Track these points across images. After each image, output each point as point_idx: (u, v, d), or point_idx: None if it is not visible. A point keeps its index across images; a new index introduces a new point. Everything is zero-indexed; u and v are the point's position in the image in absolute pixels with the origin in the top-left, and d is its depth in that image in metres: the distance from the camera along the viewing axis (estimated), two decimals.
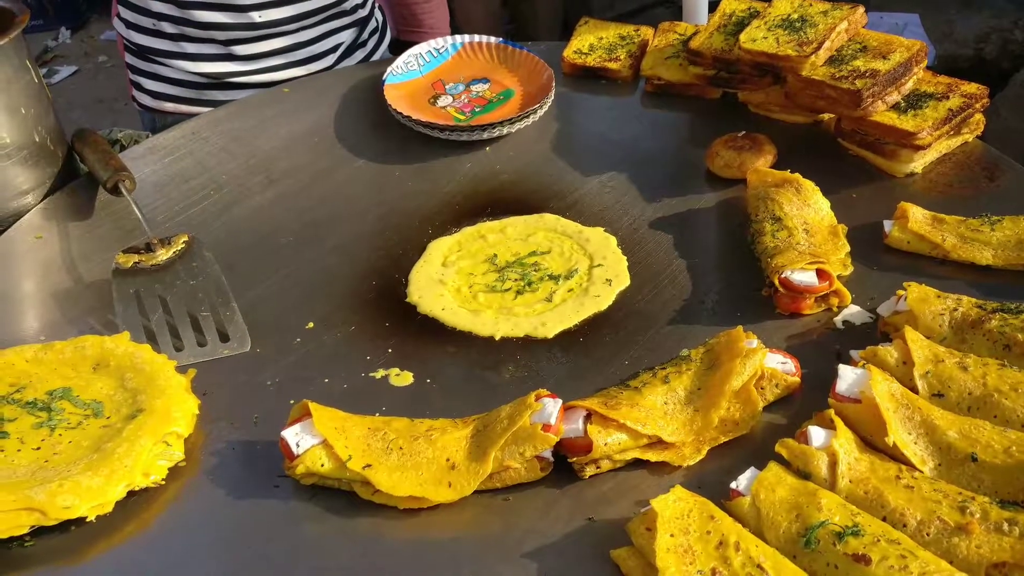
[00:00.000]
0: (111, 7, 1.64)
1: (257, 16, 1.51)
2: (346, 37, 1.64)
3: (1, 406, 0.88)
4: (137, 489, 0.84)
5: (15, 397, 0.89)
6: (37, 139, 1.22)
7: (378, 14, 1.77)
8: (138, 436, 0.84)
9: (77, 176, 1.30)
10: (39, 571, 0.79)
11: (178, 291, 1.06)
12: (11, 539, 0.79)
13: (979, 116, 1.21)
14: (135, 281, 1.07)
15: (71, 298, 1.10)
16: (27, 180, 1.22)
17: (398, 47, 1.77)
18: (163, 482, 0.86)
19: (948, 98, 1.18)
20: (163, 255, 1.10)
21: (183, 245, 1.12)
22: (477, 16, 3.18)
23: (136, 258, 1.09)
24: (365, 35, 1.70)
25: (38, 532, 0.80)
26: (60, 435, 0.85)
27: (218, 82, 1.57)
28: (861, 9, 1.25)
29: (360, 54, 1.69)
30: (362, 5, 1.67)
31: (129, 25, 1.57)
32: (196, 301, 1.05)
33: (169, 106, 1.60)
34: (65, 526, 0.81)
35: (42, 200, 1.25)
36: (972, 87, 1.20)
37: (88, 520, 0.81)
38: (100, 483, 0.80)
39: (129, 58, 1.62)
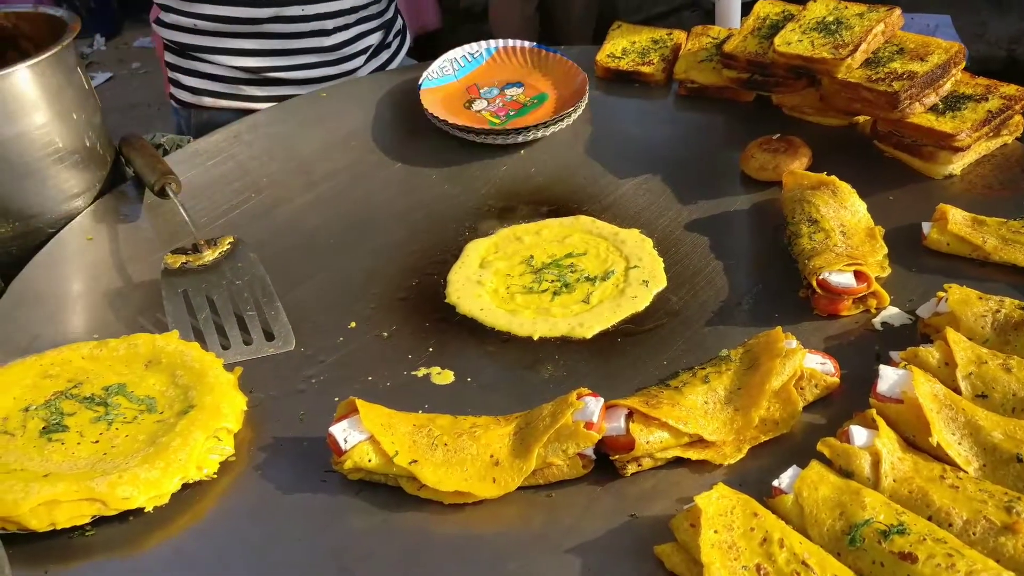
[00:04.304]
0: (148, 13, 1.70)
1: (300, 10, 1.55)
2: (375, 39, 1.69)
3: (60, 401, 0.91)
4: (191, 482, 0.86)
5: (73, 392, 0.92)
6: (87, 143, 1.26)
7: (400, 18, 1.83)
8: (191, 431, 0.87)
9: (124, 180, 1.34)
10: (99, 559, 0.82)
11: (224, 291, 1.09)
12: (73, 528, 0.82)
13: (1018, 118, 1.20)
14: (183, 281, 1.10)
15: (121, 297, 1.13)
16: (77, 184, 1.26)
17: (413, 51, 1.86)
18: (215, 476, 0.88)
19: (987, 100, 1.18)
20: (209, 256, 1.13)
21: (228, 246, 1.14)
22: (512, 20, 3.21)
23: (184, 259, 1.12)
24: (390, 37, 1.76)
25: (98, 522, 0.83)
26: (117, 429, 0.88)
27: (256, 77, 1.62)
28: (898, 11, 1.25)
29: (385, 55, 1.74)
30: (387, 8, 1.73)
31: (168, 26, 1.63)
32: (242, 301, 1.08)
33: (208, 100, 1.66)
34: (124, 516, 0.83)
35: (92, 203, 1.28)
36: (1011, 88, 1.19)
37: (146, 511, 0.84)
38: (157, 475, 0.82)
39: (169, 56, 1.68)
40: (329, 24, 1.60)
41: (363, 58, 1.68)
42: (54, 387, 0.92)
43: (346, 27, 1.62)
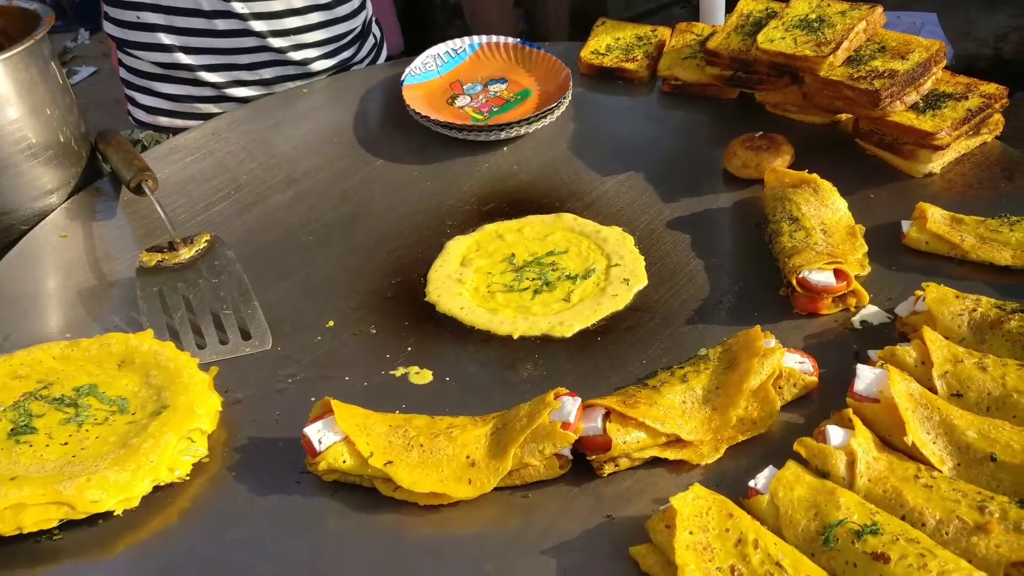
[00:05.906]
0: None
1: (239, 7, 1.49)
2: (343, 56, 1.64)
3: (30, 402, 0.89)
4: (162, 484, 0.85)
5: (43, 393, 0.91)
6: (62, 139, 1.24)
7: (376, 30, 1.77)
8: (163, 432, 0.85)
9: (100, 176, 1.32)
10: (68, 564, 0.81)
11: (201, 289, 1.07)
12: (40, 532, 0.81)
13: (998, 116, 1.21)
14: (158, 279, 1.08)
15: (95, 296, 1.12)
16: (52, 180, 1.24)
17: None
18: (187, 477, 0.87)
19: (967, 98, 1.18)
20: (186, 254, 1.11)
21: (205, 244, 1.13)
22: (490, 15, 3.18)
23: (159, 257, 1.11)
24: (361, 53, 1.70)
25: (66, 525, 0.82)
26: (87, 431, 0.87)
27: (214, 94, 1.57)
28: (880, 9, 1.25)
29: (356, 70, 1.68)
30: (359, 28, 1.66)
31: (114, 22, 1.56)
32: (218, 299, 1.06)
33: (164, 120, 1.60)
34: (92, 520, 0.82)
35: (66, 199, 1.27)
36: (991, 87, 1.19)
37: (115, 514, 0.83)
38: (127, 478, 0.81)
39: (123, 73, 1.63)
40: (284, 43, 1.55)
41: (326, 75, 1.63)
42: (23, 388, 0.91)
43: (309, 45, 1.58)
